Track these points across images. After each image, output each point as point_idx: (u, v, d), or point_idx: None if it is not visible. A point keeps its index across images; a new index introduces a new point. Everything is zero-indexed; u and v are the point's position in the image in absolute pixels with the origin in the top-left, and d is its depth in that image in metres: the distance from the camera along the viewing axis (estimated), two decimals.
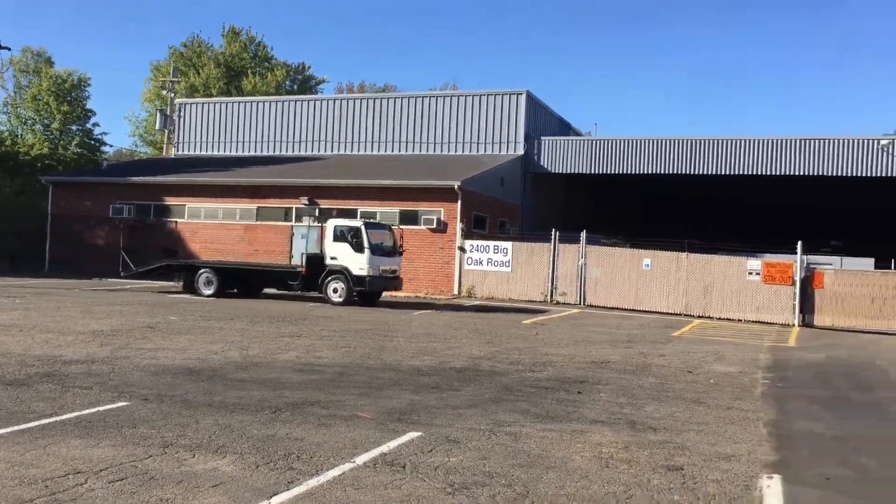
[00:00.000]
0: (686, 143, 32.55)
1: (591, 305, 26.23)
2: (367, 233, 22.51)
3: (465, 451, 7.12)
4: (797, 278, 23.82)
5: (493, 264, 27.74)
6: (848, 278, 24.15)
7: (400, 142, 35.64)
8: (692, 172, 32.65)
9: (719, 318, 24.40)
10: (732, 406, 10.02)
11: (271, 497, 5.65)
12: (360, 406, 8.82)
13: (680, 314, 24.90)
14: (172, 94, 46.25)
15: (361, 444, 7.16)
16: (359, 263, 22.36)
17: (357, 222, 23.51)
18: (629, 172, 33.56)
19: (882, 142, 29.05)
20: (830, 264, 27.08)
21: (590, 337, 17.49)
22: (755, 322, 23.93)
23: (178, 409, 8.29)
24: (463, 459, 6.82)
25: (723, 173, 32.21)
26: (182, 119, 40.07)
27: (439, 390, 10.04)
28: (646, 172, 33.30)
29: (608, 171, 33.83)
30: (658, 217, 45.82)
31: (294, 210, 29.95)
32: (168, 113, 44.06)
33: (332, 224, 23.38)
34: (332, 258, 22.83)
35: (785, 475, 6.86)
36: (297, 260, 23.78)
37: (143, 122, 59.36)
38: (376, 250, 22.66)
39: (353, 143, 36.31)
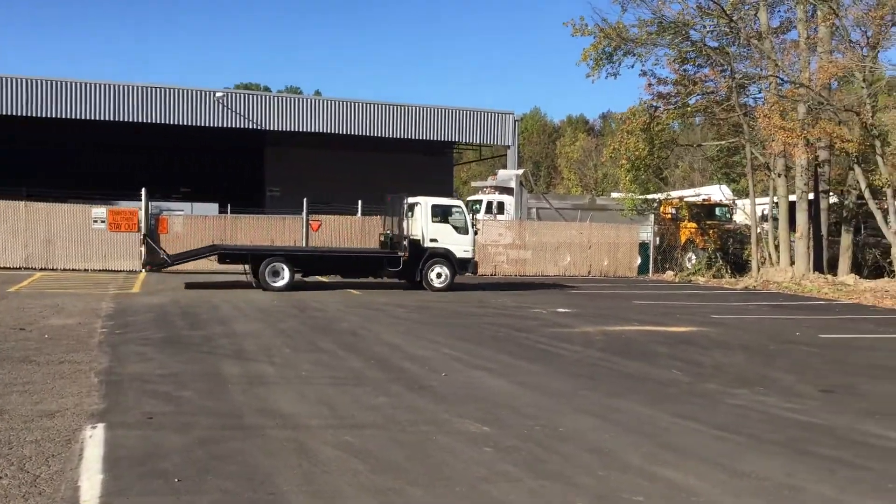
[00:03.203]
0: (25, 83, 29.83)
1: None
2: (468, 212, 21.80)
3: None
4: (143, 225, 24.20)
5: None
6: (192, 222, 25.55)
7: None
8: (33, 115, 30.14)
9: (65, 269, 23.40)
10: (65, 360, 9.65)
11: None
12: None
13: (21, 268, 23.12)
14: None
15: None
16: (462, 246, 21.21)
17: (457, 201, 22.43)
18: None
19: (217, 94, 31.10)
20: (182, 210, 28.20)
21: None
22: (103, 271, 23.65)
23: None
24: None
25: (66, 117, 30.53)
26: None
27: None
28: None
29: None
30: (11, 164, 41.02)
31: None
32: None
33: (428, 203, 21.31)
34: (433, 240, 21.01)
35: (110, 422, 6.88)
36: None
37: None
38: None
39: None
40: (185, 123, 31.43)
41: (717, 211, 32.50)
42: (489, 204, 31.44)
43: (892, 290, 22.19)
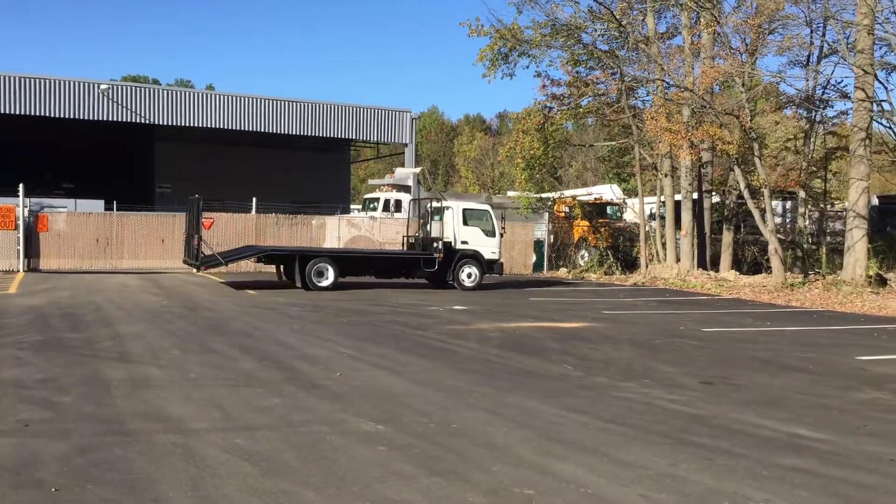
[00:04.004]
0: None
1: None
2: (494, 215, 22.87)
3: None
4: (21, 223, 23.01)
5: None
6: (75, 220, 24.45)
7: None
8: None
9: None
10: None
11: None
12: None
13: None
14: None
15: None
16: (490, 248, 22.48)
17: (484, 205, 23.64)
18: None
19: (102, 86, 29.85)
20: (65, 207, 26.97)
21: None
22: None
23: None
24: None
25: None
26: None
27: None
28: None
29: None
30: None
31: None
32: None
33: (459, 207, 22.72)
34: (464, 242, 22.21)
35: None
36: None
37: None
38: None
39: None
40: (68, 116, 30.04)
41: (609, 210, 33.46)
42: (386, 202, 31.38)
43: (769, 286, 23.41)
